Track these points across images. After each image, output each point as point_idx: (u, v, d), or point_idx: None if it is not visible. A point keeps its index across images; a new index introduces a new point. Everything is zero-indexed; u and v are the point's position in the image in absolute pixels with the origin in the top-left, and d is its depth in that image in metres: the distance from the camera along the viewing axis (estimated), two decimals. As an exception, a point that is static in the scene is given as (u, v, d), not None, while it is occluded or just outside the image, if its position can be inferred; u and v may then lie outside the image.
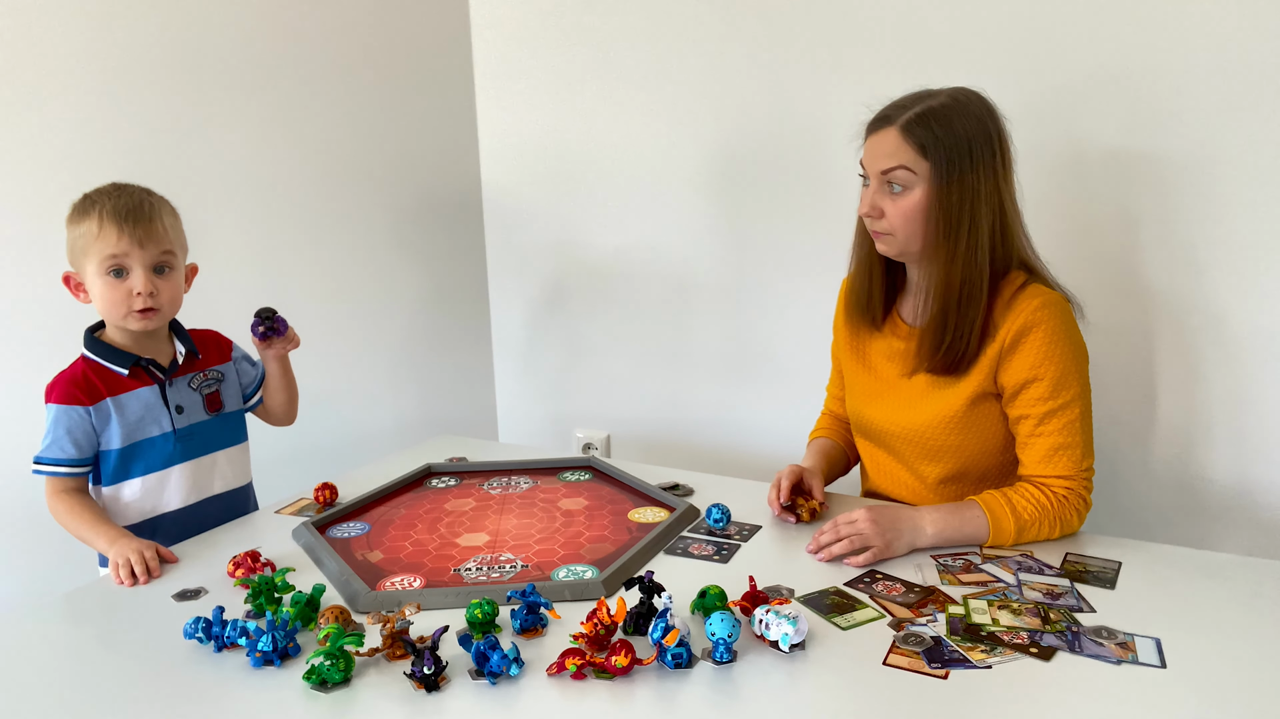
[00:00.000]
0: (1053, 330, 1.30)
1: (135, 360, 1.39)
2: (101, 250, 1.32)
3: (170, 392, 1.43)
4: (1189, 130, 1.66)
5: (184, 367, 1.45)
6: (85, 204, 1.35)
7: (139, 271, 1.33)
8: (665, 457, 2.28)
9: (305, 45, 2.10)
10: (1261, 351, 1.67)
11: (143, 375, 1.40)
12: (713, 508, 1.37)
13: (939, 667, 0.98)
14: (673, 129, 2.22)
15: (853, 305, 1.49)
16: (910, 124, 1.29)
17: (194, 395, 1.46)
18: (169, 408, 1.42)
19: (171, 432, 1.42)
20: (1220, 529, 1.76)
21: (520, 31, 2.39)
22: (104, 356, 1.38)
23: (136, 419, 1.39)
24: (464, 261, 2.58)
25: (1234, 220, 1.65)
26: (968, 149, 1.28)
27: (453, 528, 1.40)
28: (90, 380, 1.37)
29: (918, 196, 1.30)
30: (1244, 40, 1.59)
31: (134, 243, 1.32)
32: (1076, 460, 1.31)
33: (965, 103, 1.30)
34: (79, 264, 1.35)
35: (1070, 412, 1.31)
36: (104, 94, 1.76)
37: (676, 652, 0.98)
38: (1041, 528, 1.27)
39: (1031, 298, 1.32)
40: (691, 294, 2.30)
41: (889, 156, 1.30)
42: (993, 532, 1.26)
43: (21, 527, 1.72)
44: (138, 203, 1.35)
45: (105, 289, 1.33)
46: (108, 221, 1.31)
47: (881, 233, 1.35)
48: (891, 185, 1.31)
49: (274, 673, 1.01)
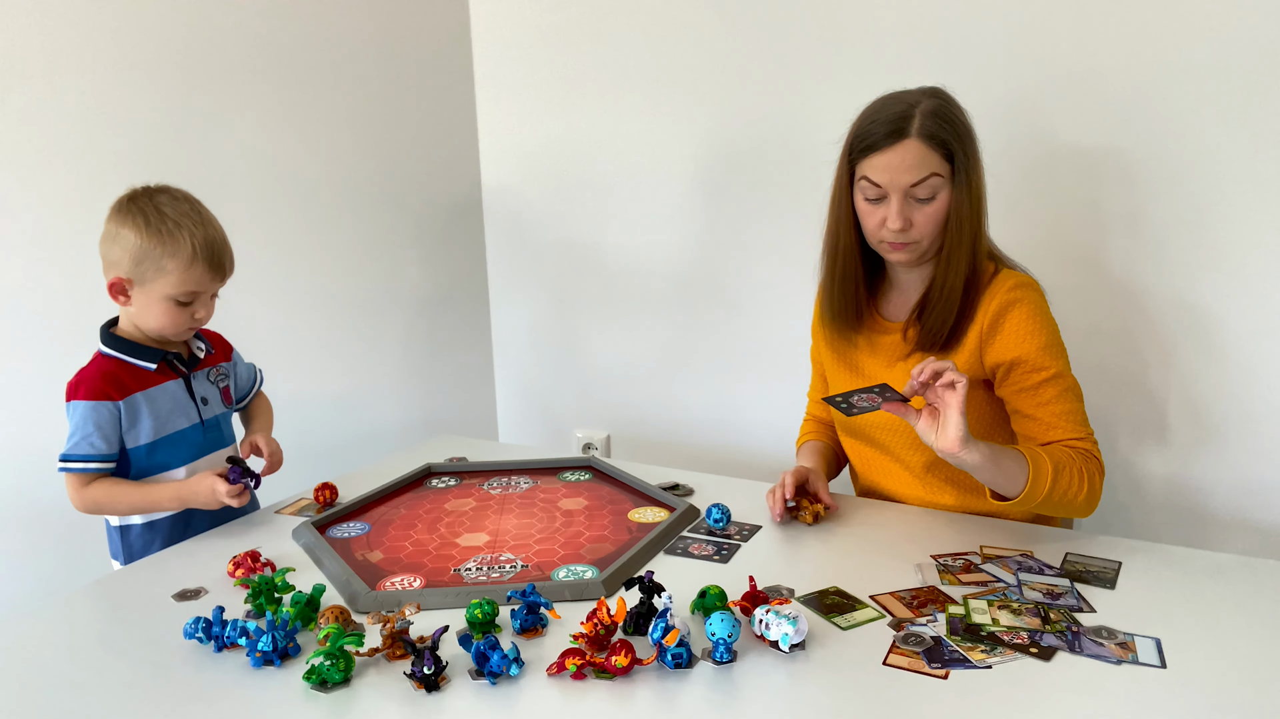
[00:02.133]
0: (1032, 306, 1.33)
1: (162, 355, 1.43)
2: (183, 285, 1.35)
3: (194, 384, 1.47)
4: (1162, 128, 1.67)
5: (203, 362, 1.50)
6: (169, 225, 1.34)
7: (206, 300, 1.40)
8: (665, 457, 2.28)
9: (305, 46, 2.10)
10: (1254, 350, 1.68)
11: (167, 370, 1.44)
12: (713, 508, 1.37)
13: (939, 667, 0.98)
14: (672, 129, 2.22)
15: (834, 313, 1.46)
16: (926, 130, 1.27)
17: (213, 388, 1.51)
18: (195, 400, 1.46)
19: (200, 423, 1.46)
20: (1219, 529, 1.76)
21: (520, 32, 2.39)
22: (130, 353, 1.40)
23: (167, 412, 1.42)
24: (464, 262, 2.58)
25: (1212, 218, 1.66)
26: (973, 148, 1.31)
27: (453, 528, 1.40)
28: (118, 376, 1.39)
29: (945, 200, 1.30)
30: (1216, 38, 1.60)
31: (213, 281, 1.39)
32: (1080, 420, 1.33)
33: (947, 98, 1.32)
34: (144, 280, 1.35)
35: (1063, 380, 1.33)
36: (104, 94, 1.77)
37: (676, 652, 0.98)
38: (1072, 476, 1.24)
39: (1005, 280, 1.34)
40: (691, 294, 2.30)
41: (915, 168, 1.27)
42: (1031, 469, 1.21)
43: (22, 527, 1.73)
44: (222, 237, 1.39)
45: (169, 311, 1.37)
46: (200, 261, 1.35)
47: (907, 243, 1.32)
48: (920, 195, 1.29)
49: (274, 673, 1.01)
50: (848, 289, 1.43)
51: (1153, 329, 1.76)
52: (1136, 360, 1.78)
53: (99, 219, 1.78)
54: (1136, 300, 1.76)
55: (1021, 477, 1.21)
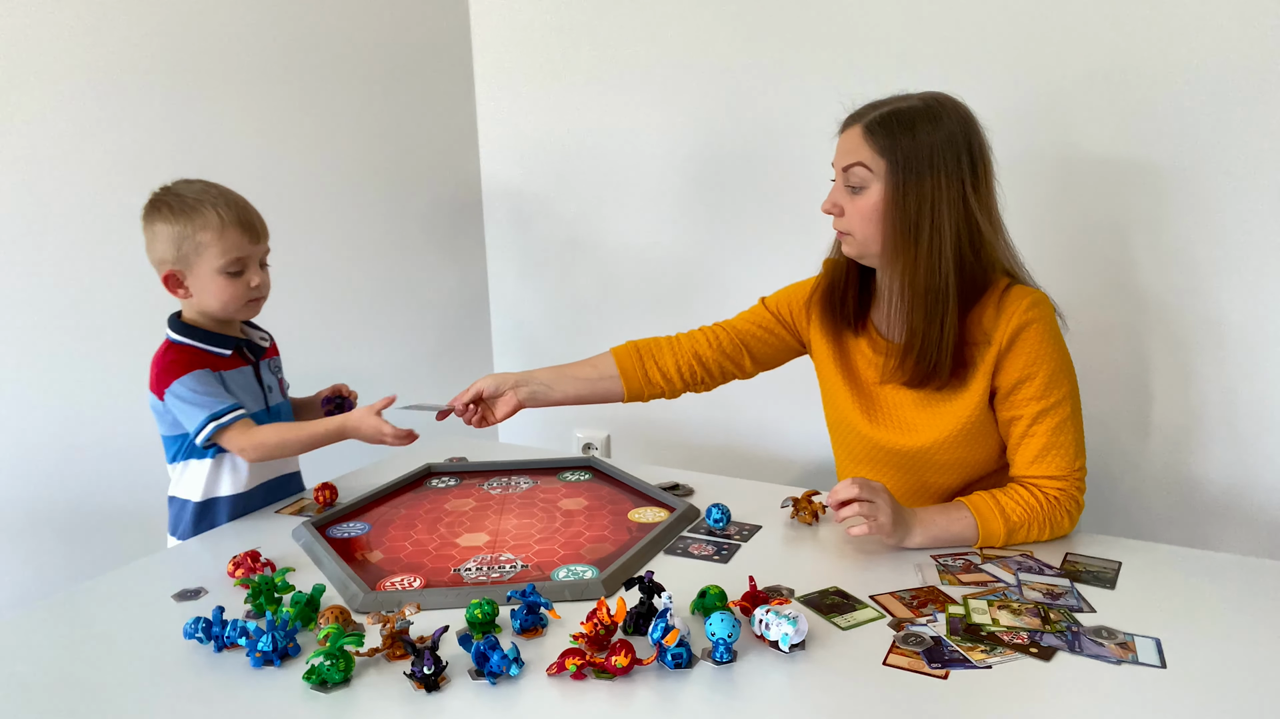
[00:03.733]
0: (1045, 328, 1.30)
1: (235, 343, 1.49)
2: (227, 253, 1.40)
3: (261, 372, 1.53)
4: (1181, 134, 1.66)
5: (267, 352, 1.57)
6: (191, 204, 1.40)
7: (254, 268, 1.44)
8: (665, 457, 2.28)
9: (305, 45, 2.10)
10: (1257, 352, 1.68)
11: (239, 357, 1.50)
12: (713, 508, 1.37)
13: (939, 667, 0.98)
14: (672, 128, 2.22)
15: (825, 301, 1.47)
16: (873, 124, 1.29)
17: (274, 378, 1.57)
18: (262, 387, 1.52)
19: (265, 409, 1.51)
20: (1219, 529, 1.76)
21: (520, 31, 2.40)
22: (203, 340, 1.45)
23: (240, 395, 1.47)
24: (464, 260, 2.58)
25: (1226, 223, 1.66)
26: (929, 153, 1.26)
27: (453, 528, 1.40)
28: (201, 358, 1.44)
29: (874, 197, 1.30)
30: (1236, 43, 1.59)
31: (253, 243, 1.43)
32: (1069, 460, 1.30)
33: (937, 108, 1.28)
34: (189, 263, 1.41)
35: (1062, 410, 1.30)
36: (104, 94, 1.77)
37: (676, 652, 0.98)
38: (1031, 530, 1.27)
39: (1020, 298, 1.31)
40: (691, 293, 2.30)
41: (849, 154, 1.31)
42: (981, 534, 1.26)
43: (22, 527, 1.73)
44: (244, 201, 1.45)
45: (224, 285, 1.42)
46: (230, 225, 1.40)
47: (842, 231, 1.36)
48: (851, 183, 1.31)
49: (274, 673, 1.01)
50: (837, 277, 1.45)
51: (1154, 329, 1.76)
52: (1139, 360, 1.78)
53: (99, 219, 1.79)
54: (1137, 300, 1.76)
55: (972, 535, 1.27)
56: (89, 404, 1.80)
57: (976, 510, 1.26)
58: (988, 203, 1.31)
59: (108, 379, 1.82)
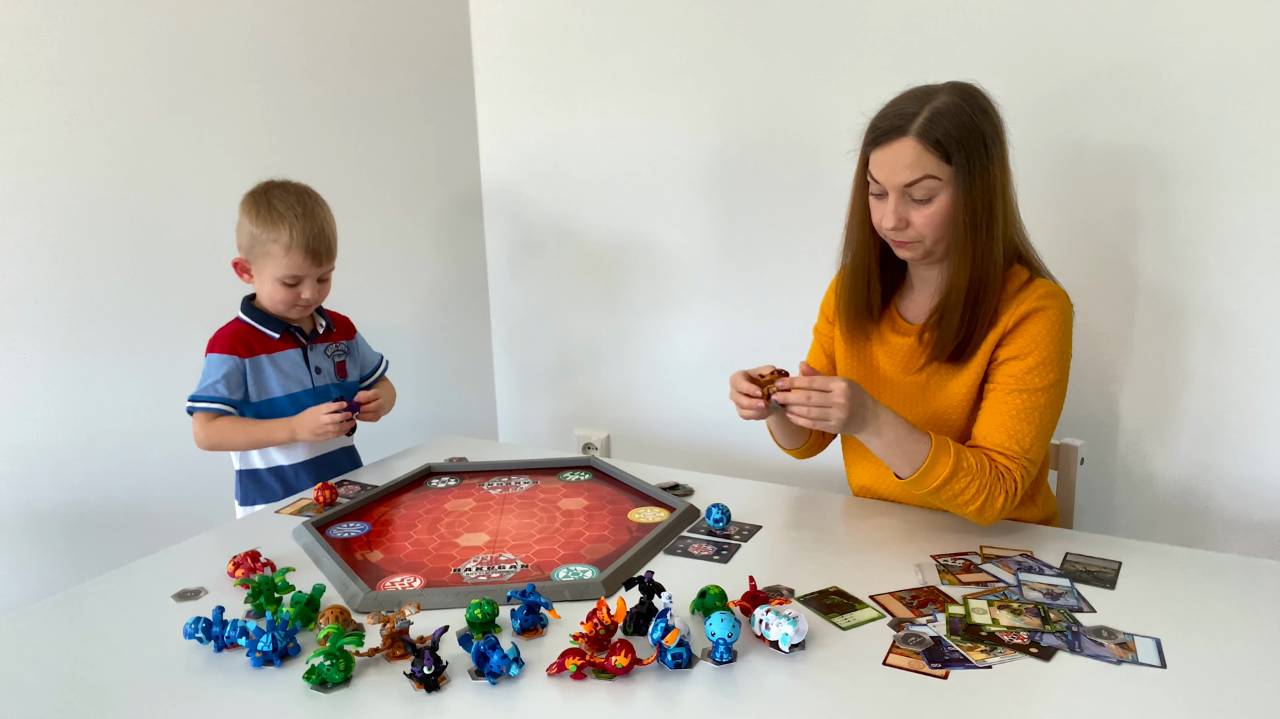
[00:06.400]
0: (1053, 320, 1.31)
1: (285, 327, 1.65)
2: (286, 269, 1.58)
3: (311, 355, 1.68)
4: (1189, 128, 1.66)
5: (322, 337, 1.71)
6: (275, 215, 1.56)
7: (309, 284, 1.61)
8: (665, 457, 2.28)
9: (305, 45, 2.10)
10: (1261, 351, 1.67)
11: (289, 340, 1.66)
12: (713, 508, 1.37)
13: (939, 667, 0.98)
14: (672, 129, 2.22)
15: (849, 304, 1.46)
16: (926, 130, 1.25)
17: (328, 361, 1.71)
18: (309, 368, 1.67)
19: (311, 389, 1.67)
20: (1219, 529, 1.76)
21: (520, 32, 2.39)
22: (259, 321, 1.64)
23: (285, 375, 1.64)
24: (464, 261, 2.58)
25: (1233, 219, 1.66)
26: (983, 143, 1.26)
27: (453, 528, 1.40)
28: (247, 339, 1.62)
29: (945, 202, 1.28)
30: (1243, 38, 1.59)
31: (313, 266, 1.60)
32: (1024, 443, 1.30)
33: (970, 96, 1.28)
34: (256, 259, 1.59)
35: (1038, 398, 1.30)
36: (104, 94, 1.77)
37: (676, 652, 0.98)
38: (970, 487, 1.25)
39: (1037, 288, 1.33)
40: (691, 294, 2.30)
41: (910, 168, 1.26)
42: (927, 461, 1.24)
43: (22, 527, 1.73)
44: (320, 229, 1.59)
45: (276, 290, 1.60)
46: (297, 249, 1.56)
47: (908, 242, 1.32)
48: (917, 196, 1.28)
49: (274, 673, 1.01)
50: (859, 282, 1.43)
51: (1155, 330, 1.76)
52: (1140, 361, 1.78)
53: (98, 219, 1.80)
54: (1141, 301, 1.76)
55: (920, 460, 1.25)
56: (89, 404, 1.80)
57: (938, 441, 1.26)
58: (1011, 181, 1.34)
59: (108, 379, 1.82)
